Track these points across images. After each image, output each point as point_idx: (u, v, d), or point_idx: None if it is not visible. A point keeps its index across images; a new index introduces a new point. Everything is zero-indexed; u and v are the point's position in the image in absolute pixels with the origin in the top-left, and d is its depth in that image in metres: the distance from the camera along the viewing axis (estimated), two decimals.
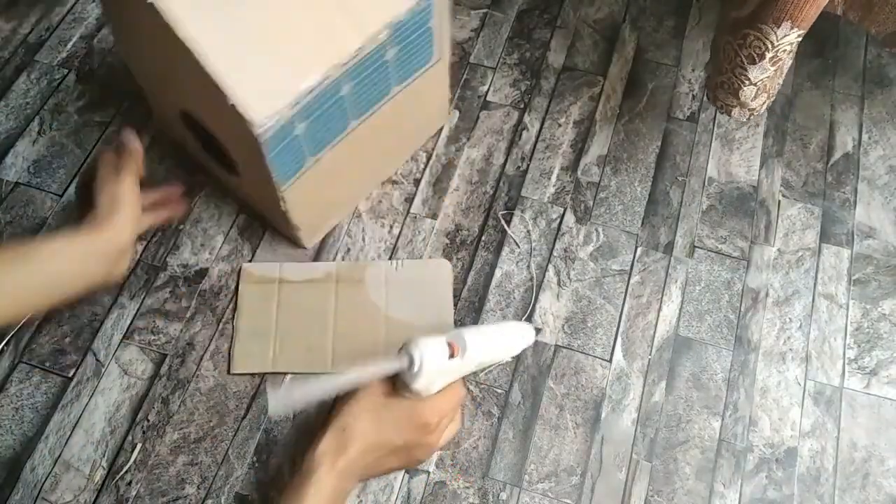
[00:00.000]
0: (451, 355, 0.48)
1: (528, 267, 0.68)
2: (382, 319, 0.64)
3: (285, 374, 0.62)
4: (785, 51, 0.53)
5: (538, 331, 0.62)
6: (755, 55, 0.54)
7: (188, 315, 0.65)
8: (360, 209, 0.70)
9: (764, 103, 0.60)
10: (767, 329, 0.66)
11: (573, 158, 0.73)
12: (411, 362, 0.47)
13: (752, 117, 0.62)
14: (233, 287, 0.66)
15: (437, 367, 0.48)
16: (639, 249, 0.69)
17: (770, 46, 0.53)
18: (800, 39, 0.53)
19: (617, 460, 0.60)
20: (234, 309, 0.64)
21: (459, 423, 0.55)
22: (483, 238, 0.69)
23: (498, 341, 0.55)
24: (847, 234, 0.70)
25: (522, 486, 0.59)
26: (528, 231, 0.69)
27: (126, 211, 0.54)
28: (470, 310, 0.66)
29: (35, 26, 0.80)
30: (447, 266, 0.66)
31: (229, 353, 0.63)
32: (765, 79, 0.56)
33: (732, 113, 0.61)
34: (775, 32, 0.51)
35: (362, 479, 0.52)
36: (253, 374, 0.62)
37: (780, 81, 0.60)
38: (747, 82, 0.57)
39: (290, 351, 0.62)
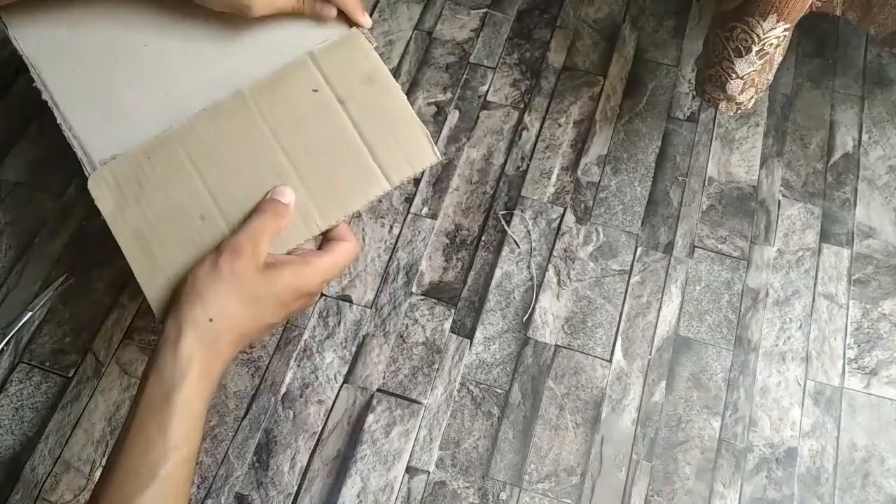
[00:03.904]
0: None
1: (528, 267, 0.68)
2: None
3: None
4: (772, 44, 0.53)
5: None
6: (742, 48, 0.54)
7: None
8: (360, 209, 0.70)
9: (752, 98, 0.60)
10: (767, 329, 0.66)
11: (573, 158, 0.73)
12: None
13: (739, 111, 0.62)
14: None
15: None
16: (639, 249, 0.69)
17: (756, 39, 0.53)
18: (787, 34, 0.53)
19: (617, 460, 0.60)
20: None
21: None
22: (483, 238, 0.69)
23: None
24: (847, 234, 0.70)
25: (522, 486, 0.59)
26: (528, 231, 0.69)
27: None
28: (470, 310, 0.66)
29: None
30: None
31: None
32: (752, 72, 0.56)
33: (720, 106, 0.61)
34: (761, 25, 0.51)
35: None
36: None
37: (770, 77, 0.59)
38: (734, 76, 0.57)
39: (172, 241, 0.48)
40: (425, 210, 0.70)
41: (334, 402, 0.62)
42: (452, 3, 0.81)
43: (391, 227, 0.69)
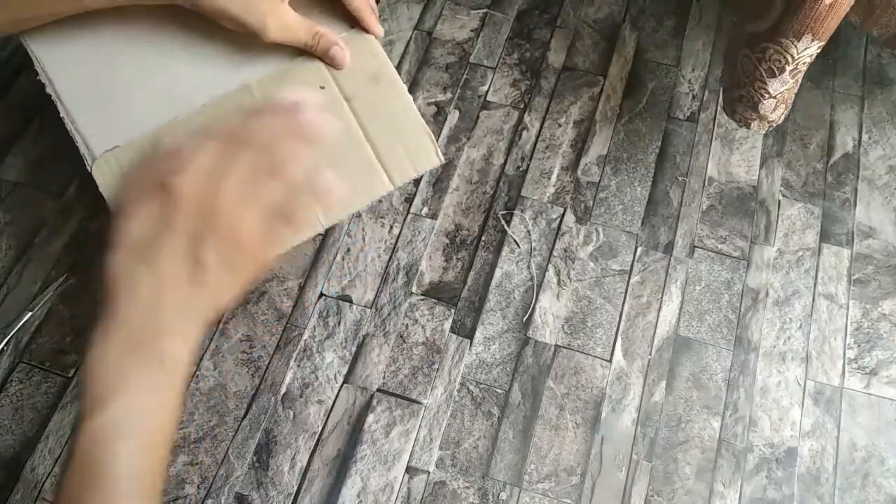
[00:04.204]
0: None
1: (528, 267, 0.68)
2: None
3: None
4: (805, 63, 0.53)
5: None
6: (775, 69, 0.53)
7: None
8: (360, 209, 0.70)
9: (782, 114, 0.60)
10: (767, 329, 0.66)
11: (573, 158, 0.73)
12: None
13: (770, 128, 0.61)
14: None
15: None
16: (639, 249, 0.69)
17: (790, 60, 0.52)
18: (819, 51, 0.52)
19: (617, 460, 0.60)
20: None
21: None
22: (483, 238, 0.69)
23: None
24: (847, 234, 0.70)
25: (522, 486, 0.59)
26: (528, 231, 0.69)
27: None
28: (470, 310, 0.66)
29: None
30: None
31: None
32: (784, 91, 0.56)
33: (752, 126, 0.60)
34: (796, 46, 0.51)
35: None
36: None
37: (796, 90, 0.59)
38: (767, 95, 0.56)
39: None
40: (425, 210, 0.70)
41: (334, 402, 0.62)
42: (452, 3, 0.81)
43: (391, 227, 0.69)
